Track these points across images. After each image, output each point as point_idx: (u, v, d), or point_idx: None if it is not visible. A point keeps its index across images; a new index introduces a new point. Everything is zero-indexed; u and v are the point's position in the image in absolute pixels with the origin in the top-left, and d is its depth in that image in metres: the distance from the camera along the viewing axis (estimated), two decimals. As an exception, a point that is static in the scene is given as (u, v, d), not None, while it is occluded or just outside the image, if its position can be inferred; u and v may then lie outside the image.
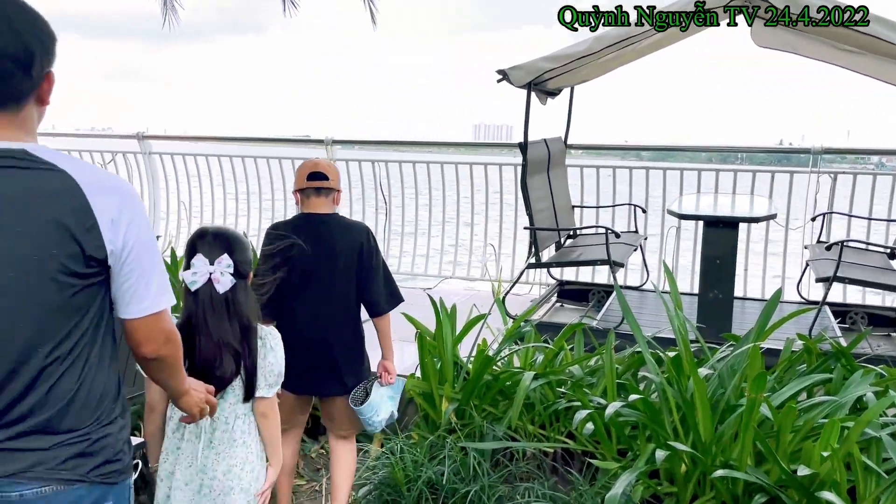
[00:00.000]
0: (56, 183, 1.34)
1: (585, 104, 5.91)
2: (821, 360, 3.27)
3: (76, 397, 1.40)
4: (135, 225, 1.40)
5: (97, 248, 1.36)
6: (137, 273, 1.42)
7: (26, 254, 1.32)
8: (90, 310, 1.40)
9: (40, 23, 1.37)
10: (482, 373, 3.30)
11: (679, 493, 2.78)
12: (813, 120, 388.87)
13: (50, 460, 1.38)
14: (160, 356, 1.53)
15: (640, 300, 5.19)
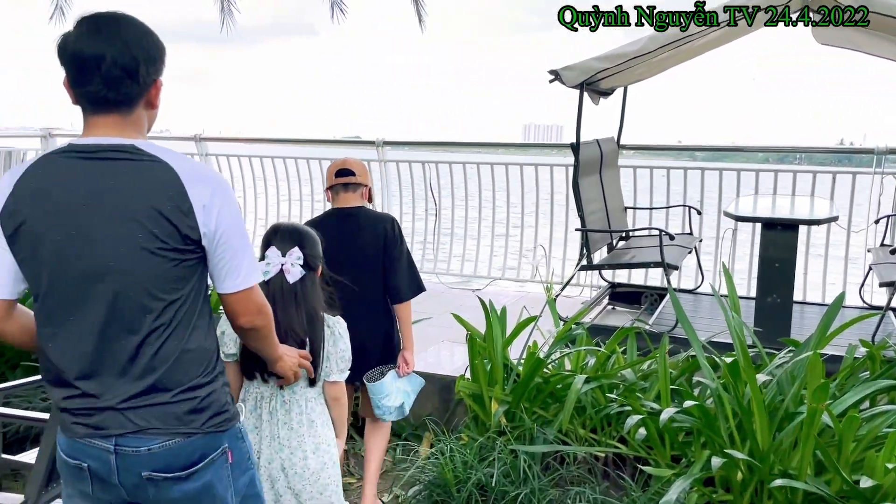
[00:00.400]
0: (159, 173, 1.53)
1: (639, 104, 5.83)
2: (885, 367, 3.16)
3: (181, 358, 1.57)
4: (225, 210, 1.57)
5: (191, 229, 1.54)
6: (230, 253, 1.59)
7: (134, 232, 1.52)
8: (190, 281, 1.58)
9: (147, 36, 1.57)
10: (533, 375, 3.28)
11: (735, 501, 2.73)
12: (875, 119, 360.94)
13: (169, 417, 1.56)
14: (255, 326, 1.70)
15: (694, 304, 5.09)
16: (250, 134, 8.01)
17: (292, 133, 8.05)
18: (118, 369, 1.54)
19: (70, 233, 1.52)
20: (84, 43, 1.51)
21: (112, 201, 1.52)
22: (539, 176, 6.13)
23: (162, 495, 1.59)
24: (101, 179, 1.53)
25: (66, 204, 1.52)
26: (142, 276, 1.53)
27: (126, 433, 1.54)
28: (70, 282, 1.54)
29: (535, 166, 6.16)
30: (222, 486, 1.65)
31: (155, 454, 1.55)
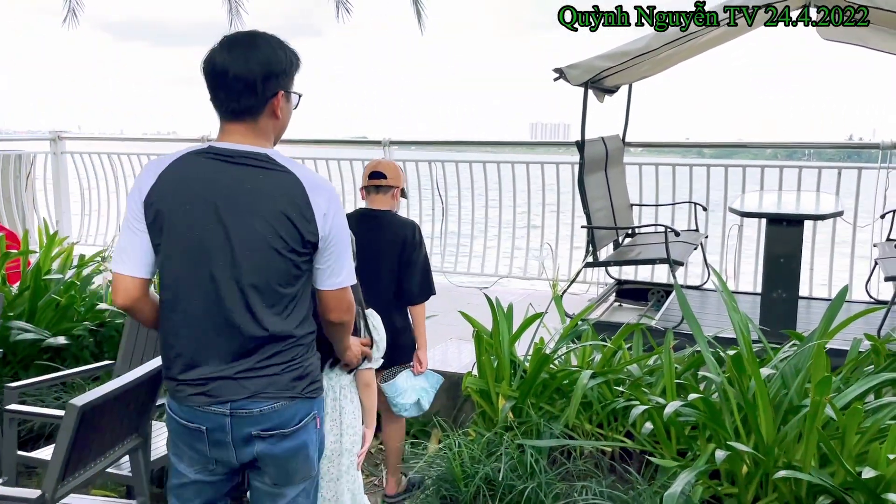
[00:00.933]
0: (288, 182, 1.75)
1: (644, 101, 5.85)
2: (889, 360, 3.17)
3: (296, 336, 1.81)
4: (337, 217, 1.79)
5: (312, 234, 1.75)
6: (335, 255, 1.81)
7: (264, 232, 1.73)
8: (302, 278, 1.81)
9: (273, 54, 1.76)
10: (539, 371, 3.31)
11: (740, 493, 2.75)
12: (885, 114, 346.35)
13: (278, 383, 1.80)
14: (343, 321, 1.94)
15: (700, 300, 5.11)
16: None
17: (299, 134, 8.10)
18: (237, 348, 1.77)
19: (206, 226, 1.73)
20: (216, 59, 1.74)
21: (247, 202, 1.72)
22: (545, 174, 6.16)
23: (266, 451, 1.82)
24: (238, 181, 1.73)
25: (205, 199, 1.72)
26: (266, 271, 1.74)
27: (240, 398, 1.78)
28: (200, 269, 1.74)
29: (542, 164, 6.19)
30: (312, 447, 1.91)
31: (264, 414, 1.79)
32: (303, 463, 1.90)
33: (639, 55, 4.35)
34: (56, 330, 3.84)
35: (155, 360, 2.26)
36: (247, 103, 1.74)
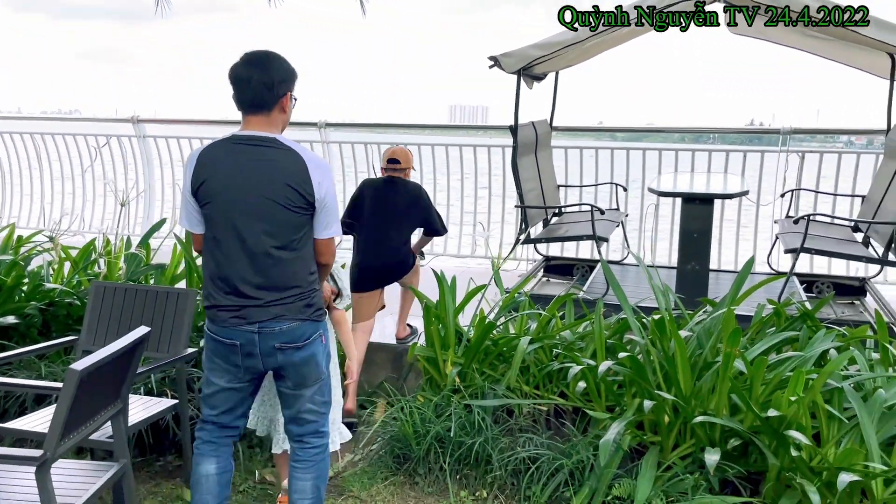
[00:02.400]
0: (292, 159, 2.38)
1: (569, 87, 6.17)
2: (788, 322, 3.61)
3: (299, 272, 2.45)
4: (329, 186, 2.42)
5: (310, 196, 2.38)
6: (327, 214, 2.46)
7: (275, 196, 2.35)
8: (305, 227, 2.44)
9: (280, 64, 2.40)
10: (483, 339, 3.59)
11: (663, 441, 3.11)
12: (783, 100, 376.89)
13: (292, 308, 2.44)
14: (328, 263, 2.60)
15: (621, 273, 5.51)
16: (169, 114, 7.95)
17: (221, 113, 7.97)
18: (263, 281, 2.39)
19: (235, 191, 2.36)
20: (241, 69, 2.37)
21: (263, 172, 2.36)
22: (477, 156, 6.44)
23: (285, 359, 2.46)
24: (256, 158, 2.37)
25: (233, 172, 2.36)
26: (280, 221, 2.37)
27: (265, 320, 2.40)
28: (234, 221, 2.37)
29: (474, 147, 6.46)
30: (320, 356, 2.56)
31: (284, 331, 2.42)
32: (314, 368, 2.54)
33: (568, 45, 4.64)
34: (2, 310, 3.86)
35: (134, 332, 2.41)
36: (265, 100, 2.38)
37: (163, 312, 3.21)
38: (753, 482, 2.94)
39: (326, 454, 2.66)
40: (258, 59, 2.38)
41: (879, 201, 4.67)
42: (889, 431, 2.84)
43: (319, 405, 2.60)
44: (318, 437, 2.62)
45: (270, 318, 2.40)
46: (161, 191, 7.44)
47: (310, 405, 2.57)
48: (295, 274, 2.43)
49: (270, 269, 2.39)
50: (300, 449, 2.60)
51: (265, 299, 2.40)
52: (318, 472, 2.61)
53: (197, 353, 3.40)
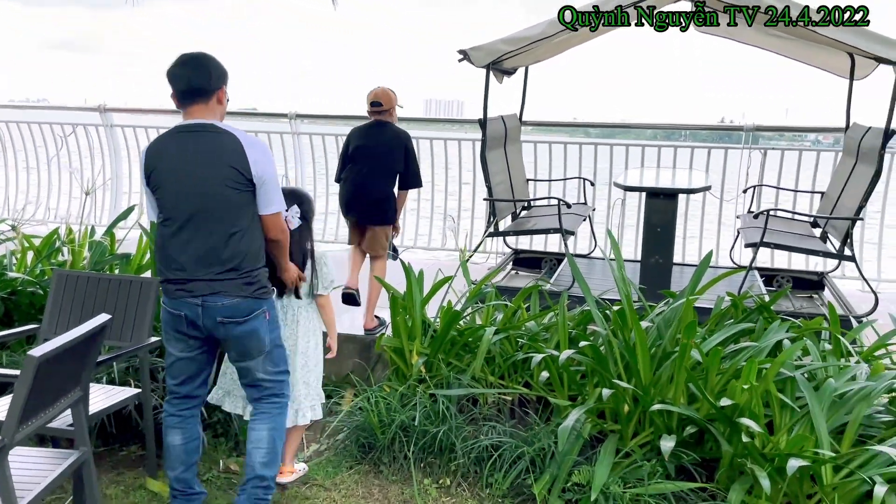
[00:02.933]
0: (229, 141, 2.58)
1: (539, 82, 6.23)
2: (746, 314, 3.70)
3: (246, 252, 2.63)
4: (266, 164, 2.62)
5: (248, 172, 2.57)
6: (267, 191, 2.64)
7: (218, 177, 2.55)
8: (247, 206, 2.63)
9: (213, 62, 2.65)
10: (448, 329, 3.63)
11: (622, 429, 3.17)
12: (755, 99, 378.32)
13: (236, 285, 2.62)
14: (277, 239, 2.75)
15: (588, 266, 5.59)
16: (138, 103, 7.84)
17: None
18: (209, 258, 2.59)
19: (181, 174, 2.57)
20: (178, 68, 2.61)
21: (205, 156, 2.56)
22: (448, 150, 6.47)
23: (228, 333, 2.65)
24: (197, 144, 2.58)
25: (178, 158, 2.58)
26: (223, 201, 2.57)
27: (209, 294, 2.60)
28: (182, 206, 2.57)
29: (444, 141, 6.49)
30: (262, 331, 2.72)
31: (226, 307, 2.61)
32: (256, 342, 2.72)
33: (537, 40, 4.68)
34: (-36, 299, 3.82)
35: (94, 319, 2.41)
36: (203, 89, 2.61)
37: (125, 301, 3.20)
38: (709, 469, 3.02)
39: (284, 411, 2.90)
40: (193, 58, 2.64)
41: (837, 197, 4.80)
42: (839, 420, 2.93)
43: (273, 374, 2.83)
44: (277, 397, 2.87)
45: (212, 293, 2.60)
46: (129, 180, 7.36)
47: (262, 374, 2.80)
48: (238, 253, 2.61)
49: (214, 247, 2.58)
50: (259, 406, 2.85)
51: (208, 276, 2.60)
52: (275, 424, 2.83)
53: (160, 342, 3.40)
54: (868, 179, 4.28)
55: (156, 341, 3.22)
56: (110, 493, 3.18)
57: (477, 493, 3.13)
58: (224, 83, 2.67)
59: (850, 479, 2.67)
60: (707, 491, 2.91)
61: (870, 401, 2.91)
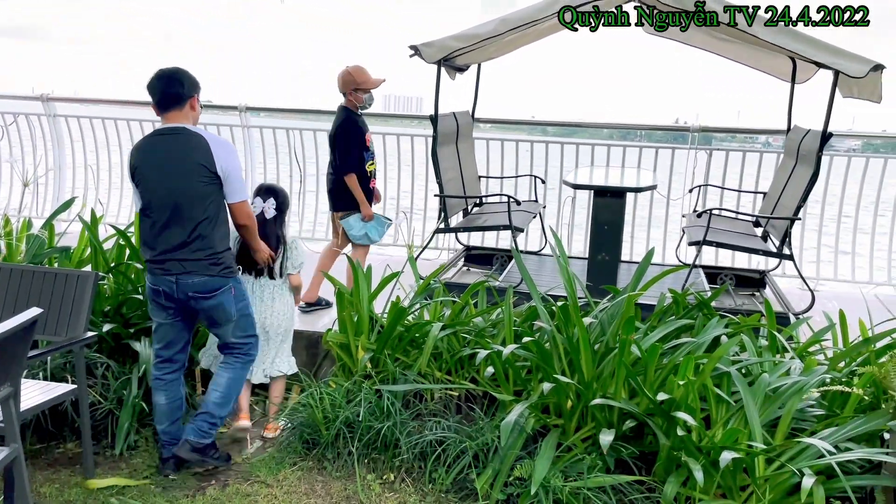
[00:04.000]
0: (197, 142, 3.02)
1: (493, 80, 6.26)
2: (687, 310, 3.78)
3: (213, 237, 3.07)
4: (229, 159, 3.06)
5: (213, 167, 3.01)
6: (232, 183, 3.09)
7: (187, 171, 2.99)
8: (213, 196, 3.06)
9: (186, 75, 3.09)
10: (395, 324, 3.63)
11: (565, 423, 3.22)
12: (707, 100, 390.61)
13: (204, 265, 3.06)
14: (245, 225, 3.24)
15: (538, 264, 5.64)
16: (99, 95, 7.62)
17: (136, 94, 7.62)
18: (182, 242, 3.02)
19: (157, 171, 3.01)
20: (156, 81, 3.05)
21: (177, 155, 3.01)
22: (400, 146, 6.45)
23: (198, 305, 3.11)
24: (171, 145, 3.03)
25: (155, 158, 3.03)
26: (194, 193, 3.00)
27: (182, 273, 3.04)
28: (159, 197, 3.01)
29: (397, 136, 6.47)
30: (228, 304, 3.17)
31: (196, 283, 3.06)
32: (222, 313, 3.17)
33: (487, 38, 4.70)
34: None
35: (24, 313, 2.34)
36: (177, 97, 3.04)
37: (61, 295, 3.12)
38: (648, 462, 3.08)
39: (246, 368, 3.35)
40: (170, 72, 3.07)
41: (777, 198, 4.93)
42: (773, 413, 3.01)
43: (241, 338, 3.30)
44: (243, 355, 3.33)
45: (184, 272, 3.05)
46: (72, 172, 7.17)
47: (232, 339, 3.28)
48: (206, 238, 3.04)
49: (185, 233, 3.01)
50: (226, 357, 3.32)
51: (181, 258, 3.04)
52: (234, 375, 3.29)
53: (97, 337, 3.33)
54: (806, 180, 4.40)
55: (92, 336, 3.15)
56: (45, 491, 3.10)
57: (420, 488, 3.14)
58: (196, 93, 3.11)
59: (781, 472, 2.75)
60: (645, 484, 2.97)
61: (802, 395, 3.00)
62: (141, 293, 3.83)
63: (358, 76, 4.48)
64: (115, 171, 7.05)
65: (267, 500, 3.09)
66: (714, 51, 5.40)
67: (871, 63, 4.01)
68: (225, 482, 3.20)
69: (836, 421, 2.99)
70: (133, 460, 3.36)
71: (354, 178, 4.47)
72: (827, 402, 3.16)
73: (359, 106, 4.55)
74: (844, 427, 2.85)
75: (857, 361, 3.32)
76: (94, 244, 3.97)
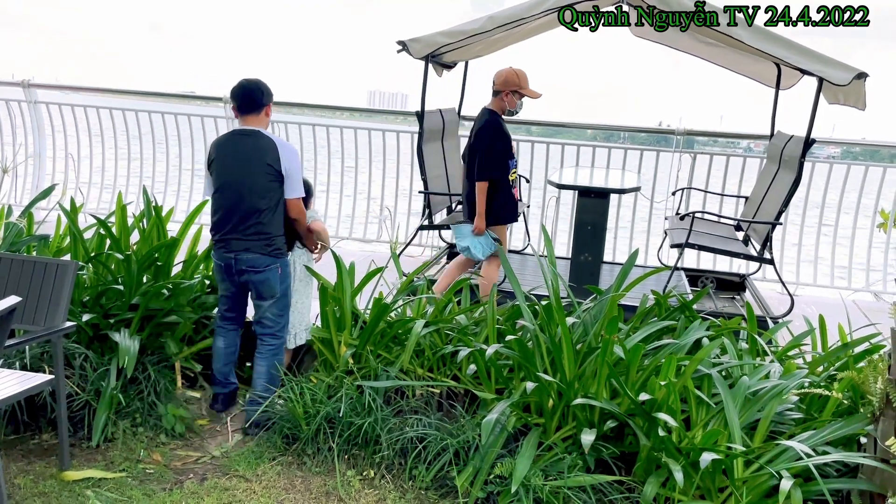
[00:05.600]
0: (267, 144, 3.46)
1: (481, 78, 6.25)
2: (669, 312, 3.80)
3: (269, 223, 3.48)
4: (292, 162, 3.50)
5: (279, 167, 3.46)
6: (291, 181, 3.51)
7: (255, 168, 3.43)
8: (273, 191, 3.48)
9: (262, 86, 3.53)
10: (378, 320, 3.61)
11: (546, 422, 3.22)
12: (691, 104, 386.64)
13: (258, 245, 3.48)
14: (296, 218, 3.62)
15: (521, 262, 5.65)
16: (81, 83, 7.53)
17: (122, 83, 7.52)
18: (243, 226, 3.46)
19: (230, 166, 3.48)
20: (239, 90, 3.51)
21: (248, 154, 3.46)
22: (386, 142, 6.43)
23: (248, 278, 3.53)
24: (246, 145, 3.48)
25: (230, 153, 3.49)
26: (258, 186, 3.44)
27: (240, 251, 3.47)
28: (228, 187, 3.47)
29: (383, 132, 6.45)
30: (274, 281, 3.56)
31: (249, 260, 3.48)
32: (269, 288, 3.56)
33: (474, 34, 4.70)
34: None
35: (3, 300, 2.30)
36: (256, 105, 3.50)
37: (40, 284, 3.07)
38: (628, 462, 3.09)
39: (280, 352, 3.69)
40: (252, 84, 3.53)
41: (759, 202, 4.97)
42: (752, 416, 3.04)
43: (275, 316, 3.62)
44: (273, 338, 3.64)
45: (241, 249, 3.48)
46: (53, 160, 7.07)
47: (269, 314, 3.61)
48: (262, 223, 3.47)
49: (246, 218, 3.46)
50: (261, 345, 3.64)
51: (240, 237, 3.48)
52: (270, 362, 3.63)
53: (75, 327, 3.28)
54: (788, 186, 4.45)
55: (71, 326, 3.10)
56: (19, 482, 3.05)
57: (400, 485, 3.13)
58: (270, 101, 3.57)
59: (759, 473, 2.77)
60: (624, 484, 2.98)
61: (781, 398, 3.03)
62: (121, 283, 3.78)
63: (522, 80, 4.37)
64: (95, 160, 6.97)
65: (245, 494, 3.06)
66: (700, 55, 5.44)
67: (855, 71, 4.06)
68: (203, 476, 3.17)
69: (814, 424, 3.02)
70: (109, 452, 3.32)
71: (486, 186, 4.35)
72: (805, 405, 3.19)
73: (507, 110, 4.43)
74: (822, 430, 2.88)
75: (836, 366, 3.35)
76: (73, 233, 3.91)
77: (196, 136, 6.74)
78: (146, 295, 3.71)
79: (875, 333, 3.46)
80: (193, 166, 7.01)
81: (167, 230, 4.20)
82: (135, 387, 3.55)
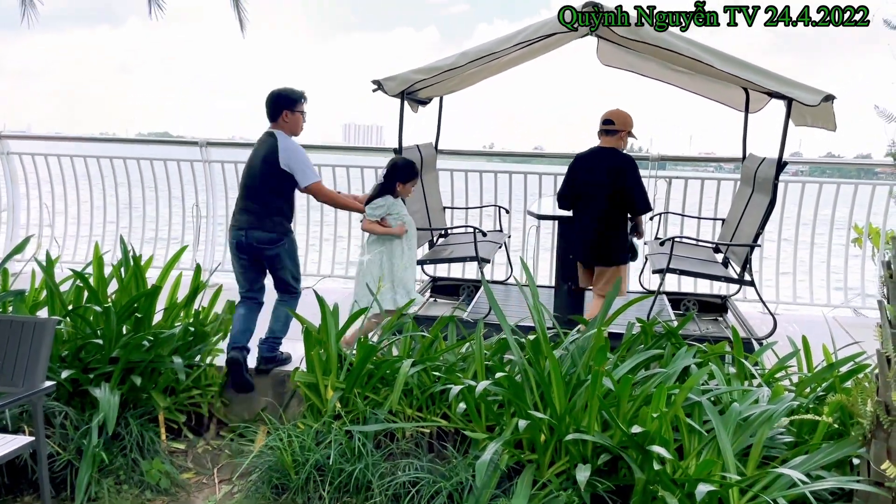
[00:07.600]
0: (272, 144, 4.01)
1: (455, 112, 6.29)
2: (655, 339, 3.80)
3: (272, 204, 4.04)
4: (291, 157, 4.00)
5: (279, 164, 3.98)
6: (298, 172, 4.01)
7: (260, 164, 4.04)
8: (280, 181, 4.02)
9: (281, 97, 4.07)
10: (365, 362, 3.57)
11: (539, 458, 3.18)
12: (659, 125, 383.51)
13: (266, 224, 4.00)
14: (325, 202, 4.33)
15: (504, 293, 5.65)
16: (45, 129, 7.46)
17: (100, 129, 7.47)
18: (251, 208, 4.00)
19: (249, 160, 4.10)
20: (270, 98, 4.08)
21: (260, 151, 4.03)
22: (364, 178, 6.43)
23: (259, 253, 4.01)
24: (260, 143, 4.07)
25: (253, 151, 4.10)
26: (262, 177, 3.99)
27: (249, 228, 3.98)
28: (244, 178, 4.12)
29: (361, 168, 6.45)
30: (283, 255, 4.05)
31: (258, 236, 3.98)
32: (279, 262, 4.05)
33: (448, 70, 4.73)
34: None
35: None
36: (273, 112, 4.07)
37: (17, 343, 3.00)
38: (624, 495, 3.06)
39: (295, 301, 4.20)
40: (272, 94, 4.07)
41: (736, 225, 5.02)
42: (744, 442, 3.03)
43: (292, 281, 4.15)
44: (289, 294, 4.18)
45: (250, 227, 3.98)
46: (27, 212, 6.97)
47: (288, 280, 4.13)
48: (268, 206, 3.98)
49: (256, 200, 3.99)
50: (281, 294, 4.19)
51: (248, 217, 4.00)
52: (288, 307, 4.15)
53: (55, 387, 3.20)
54: (764, 208, 4.50)
55: (50, 386, 3.03)
56: (-1, 550, 2.96)
57: (395, 531, 3.07)
58: (287, 107, 4.04)
59: (755, 502, 2.76)
60: (621, 518, 2.95)
61: (772, 423, 3.03)
62: (100, 337, 3.71)
63: (632, 122, 4.51)
64: (70, 209, 6.88)
65: (236, 549, 2.99)
66: (669, 81, 5.52)
67: (823, 93, 4.14)
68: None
69: (805, 448, 3.02)
70: (94, 513, 3.23)
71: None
72: (795, 428, 3.19)
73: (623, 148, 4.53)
74: (815, 455, 2.88)
75: (823, 387, 3.36)
76: (50, 287, 3.84)
77: (173, 181, 6.70)
78: (126, 347, 3.65)
79: (859, 352, 3.48)
80: (171, 210, 6.95)
81: (146, 278, 4.14)
82: (118, 443, 3.47)
